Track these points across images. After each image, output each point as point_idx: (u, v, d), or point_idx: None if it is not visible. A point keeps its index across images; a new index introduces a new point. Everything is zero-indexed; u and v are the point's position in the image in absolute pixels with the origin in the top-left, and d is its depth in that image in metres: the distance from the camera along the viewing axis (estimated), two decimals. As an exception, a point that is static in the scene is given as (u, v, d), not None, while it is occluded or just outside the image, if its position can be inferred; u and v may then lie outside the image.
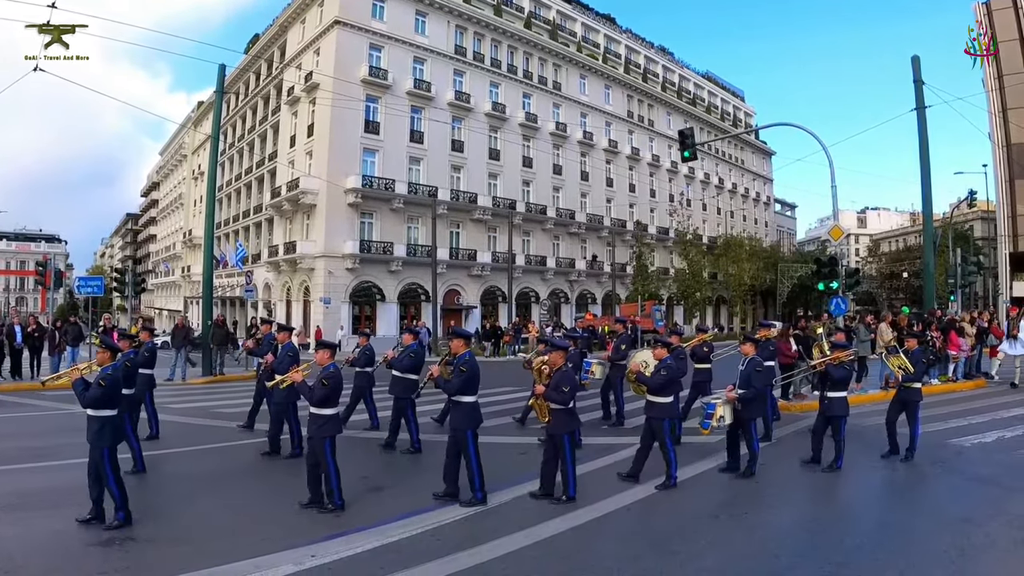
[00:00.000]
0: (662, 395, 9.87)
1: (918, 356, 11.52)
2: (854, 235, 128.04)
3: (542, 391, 9.00)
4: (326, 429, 8.40)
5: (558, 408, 8.88)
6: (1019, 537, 7.59)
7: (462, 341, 9.27)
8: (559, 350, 9.27)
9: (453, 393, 8.85)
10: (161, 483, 10.05)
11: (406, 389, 11.88)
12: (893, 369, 11.60)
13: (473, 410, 8.94)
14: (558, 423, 8.92)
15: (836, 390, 10.66)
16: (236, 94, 63.03)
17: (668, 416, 9.90)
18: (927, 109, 23.42)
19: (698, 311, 66.05)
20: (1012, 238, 59.33)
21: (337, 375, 8.51)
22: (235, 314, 57.79)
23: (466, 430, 8.81)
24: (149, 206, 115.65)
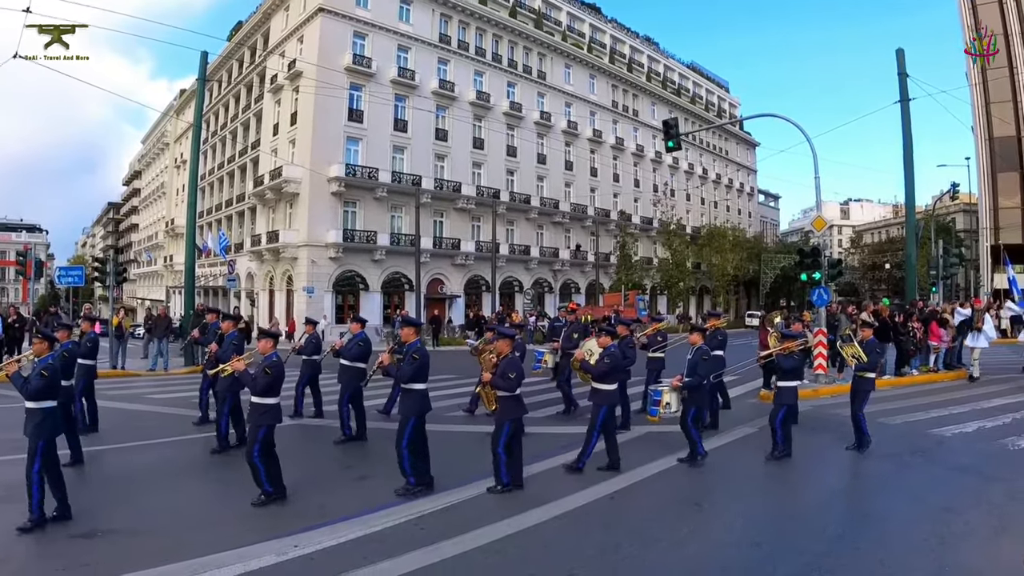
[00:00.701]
0: (605, 382, 9.99)
1: (873, 346, 11.59)
2: (837, 226, 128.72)
3: (489, 379, 9.01)
4: (267, 418, 8.32)
5: (505, 395, 8.94)
6: (998, 526, 7.65)
7: (413, 329, 9.35)
8: (505, 338, 9.40)
9: (404, 381, 8.85)
10: (141, 474, 9.96)
11: (354, 378, 11.87)
12: (847, 358, 11.66)
13: (422, 398, 8.96)
14: (504, 411, 8.96)
15: (786, 379, 10.77)
16: (219, 82, 62.51)
17: (609, 403, 10.02)
18: (911, 102, 23.47)
19: (681, 301, 66.13)
20: (994, 230, 59.80)
21: (279, 364, 8.48)
22: (218, 304, 57.44)
23: (411, 417, 8.79)
24: (131, 195, 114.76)
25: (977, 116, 59.02)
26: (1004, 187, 59.72)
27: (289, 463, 8.84)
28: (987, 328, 19.23)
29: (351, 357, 12.27)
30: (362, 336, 12.59)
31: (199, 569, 6.33)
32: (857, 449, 11.11)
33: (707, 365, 10.45)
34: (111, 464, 10.46)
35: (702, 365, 10.33)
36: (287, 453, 8.98)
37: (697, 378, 10.31)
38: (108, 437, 12.04)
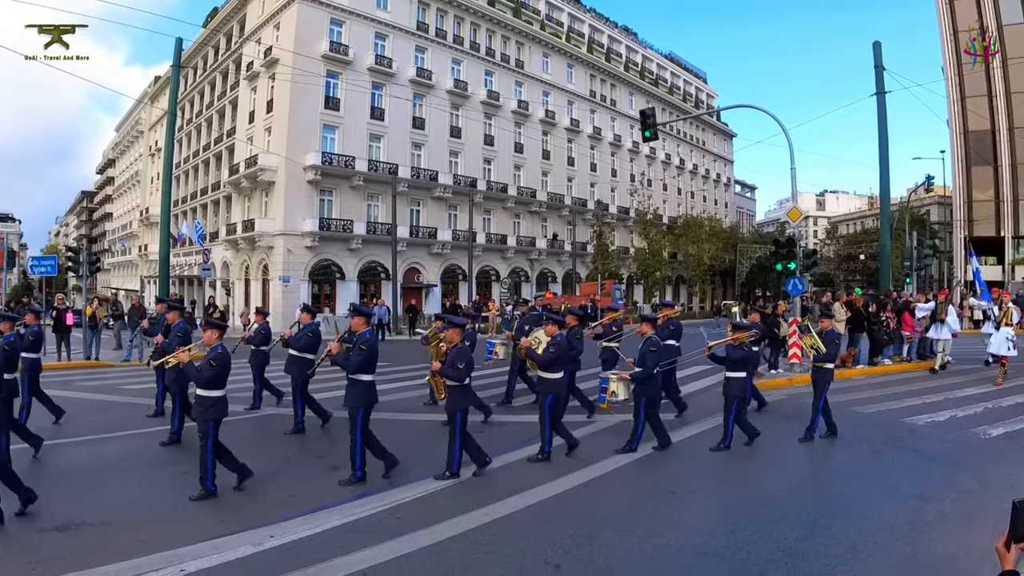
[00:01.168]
0: (551, 371, 10.11)
1: (832, 336, 11.67)
2: (813, 217, 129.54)
3: (438, 367, 9.06)
4: (213, 411, 8.21)
5: (454, 385, 9.00)
6: (969, 513, 7.73)
7: (362, 319, 9.28)
8: (455, 327, 9.46)
9: (352, 371, 8.82)
10: (114, 465, 9.90)
11: (303, 369, 11.77)
12: (805, 348, 11.79)
13: (369, 389, 8.94)
14: (454, 400, 9.03)
15: (734, 370, 10.82)
16: (194, 69, 61.84)
17: (555, 392, 10.11)
18: (887, 95, 23.63)
19: (658, 290, 66.37)
20: (968, 223, 60.51)
21: (225, 356, 8.35)
22: (193, 293, 57.06)
23: (359, 408, 8.79)
24: (105, 183, 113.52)
25: (952, 110, 59.58)
26: (978, 180, 60.41)
27: (262, 453, 8.82)
28: (950, 319, 19.21)
29: (300, 348, 12.19)
30: (312, 326, 12.50)
31: (175, 560, 6.28)
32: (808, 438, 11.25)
33: (655, 356, 10.40)
34: (84, 456, 10.35)
35: (649, 356, 10.32)
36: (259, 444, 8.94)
37: (645, 369, 10.32)
38: (80, 428, 11.95)
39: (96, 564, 6.20)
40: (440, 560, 6.39)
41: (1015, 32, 56.49)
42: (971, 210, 60.73)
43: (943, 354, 19.35)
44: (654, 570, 6.21)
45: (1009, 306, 17.59)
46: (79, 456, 10.31)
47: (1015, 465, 9.61)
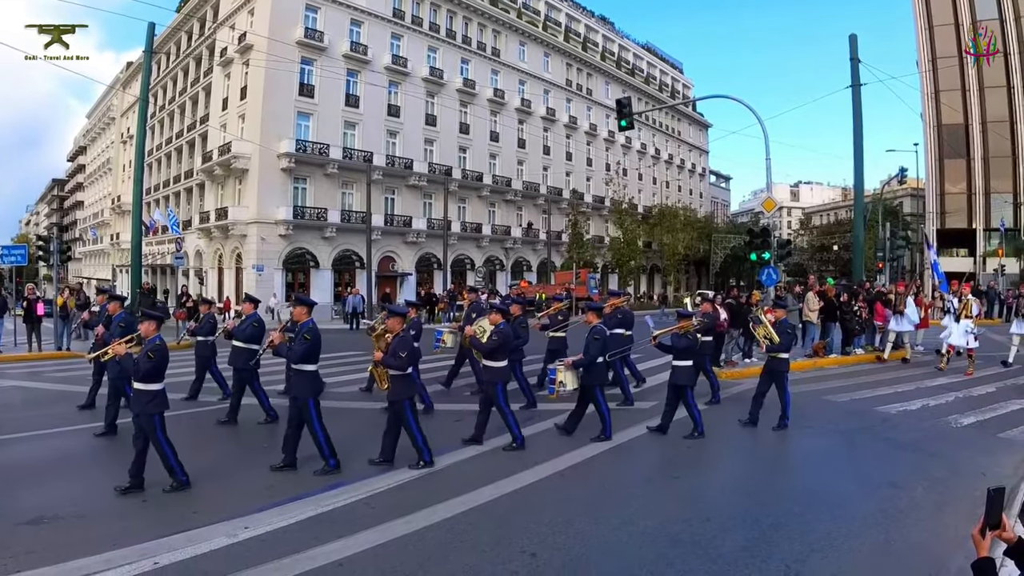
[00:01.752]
0: (495, 359, 10.11)
1: (785, 326, 11.74)
2: (787, 208, 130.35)
3: (380, 357, 9.00)
4: (153, 406, 7.96)
5: (397, 374, 8.94)
6: (940, 500, 7.81)
7: (305, 309, 9.25)
8: (397, 316, 9.35)
9: (296, 361, 8.77)
10: (84, 457, 9.80)
11: (247, 360, 11.48)
12: (759, 338, 11.87)
13: (314, 379, 8.89)
14: (397, 389, 8.96)
15: (680, 359, 10.87)
16: (167, 55, 61.19)
17: (501, 379, 10.13)
18: (862, 87, 23.74)
19: (632, 279, 66.64)
20: (940, 215, 61.23)
21: (163, 348, 8.12)
22: (166, 282, 56.61)
23: (308, 399, 8.75)
24: (76, 171, 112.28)
25: (926, 104, 60.24)
26: (950, 173, 61.27)
27: (235, 444, 8.76)
28: (909, 311, 19.24)
29: (244, 338, 11.87)
30: (255, 317, 12.26)
31: (148, 553, 6.21)
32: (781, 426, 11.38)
33: (599, 344, 10.45)
34: (55, 448, 10.20)
35: (593, 344, 10.40)
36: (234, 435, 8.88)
37: (588, 357, 10.42)
38: (49, 420, 11.77)
39: (69, 558, 6.12)
40: (416, 549, 6.37)
41: (990, 27, 57.13)
42: (943, 202, 61.57)
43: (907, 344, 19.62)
44: (630, 558, 6.22)
45: (968, 298, 17.52)
46: (48, 448, 10.17)
47: (986, 453, 9.72)
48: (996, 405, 13.01)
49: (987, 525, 3.00)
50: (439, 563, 6.08)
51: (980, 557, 3.02)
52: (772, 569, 5.95)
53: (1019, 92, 56.99)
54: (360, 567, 5.99)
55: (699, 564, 6.05)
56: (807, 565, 6.02)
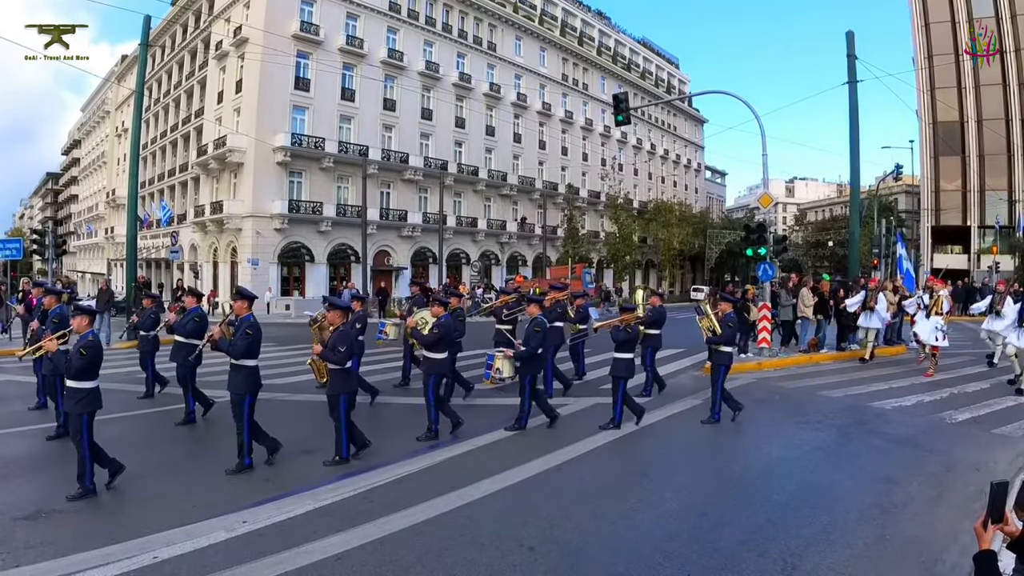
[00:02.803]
0: (435, 351, 10.23)
1: (730, 319, 11.80)
2: (782, 204, 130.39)
3: (319, 351, 9.03)
4: (83, 405, 7.82)
5: (336, 368, 8.92)
6: (935, 495, 7.85)
7: (245, 303, 9.04)
8: (337, 309, 9.35)
9: (238, 357, 8.62)
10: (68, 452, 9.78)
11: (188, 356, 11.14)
12: (703, 330, 11.95)
13: (253, 374, 8.78)
14: (335, 383, 8.97)
15: (621, 351, 10.91)
16: (162, 48, 60.89)
17: (439, 372, 10.35)
18: (859, 84, 23.75)
19: (627, 274, 66.67)
20: (935, 212, 61.42)
21: (96, 344, 7.91)
22: (161, 276, 56.51)
23: (246, 395, 8.64)
24: (70, 165, 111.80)
25: (922, 101, 60.26)
26: (946, 171, 61.35)
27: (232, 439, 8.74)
28: (880, 308, 18.75)
29: (185, 333, 11.63)
30: (197, 311, 12.00)
31: (148, 547, 6.23)
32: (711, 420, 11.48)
33: (539, 336, 10.57)
34: (52, 443, 10.18)
35: (534, 336, 10.54)
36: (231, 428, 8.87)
37: (529, 349, 10.55)
38: (47, 415, 11.73)
39: (68, 552, 6.14)
40: (414, 544, 6.39)
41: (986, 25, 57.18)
42: (939, 199, 61.68)
43: (871, 343, 19.01)
44: (627, 551, 6.23)
45: (940, 294, 17.04)
46: (44, 443, 10.17)
47: (981, 449, 9.76)
48: (991, 401, 13.05)
49: (990, 518, 3.03)
50: (437, 557, 6.09)
51: (982, 550, 3.05)
52: (769, 563, 5.97)
53: (1015, 89, 57.01)
54: (358, 561, 6.00)
55: (696, 558, 6.08)
56: (804, 559, 6.04)
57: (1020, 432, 10.75)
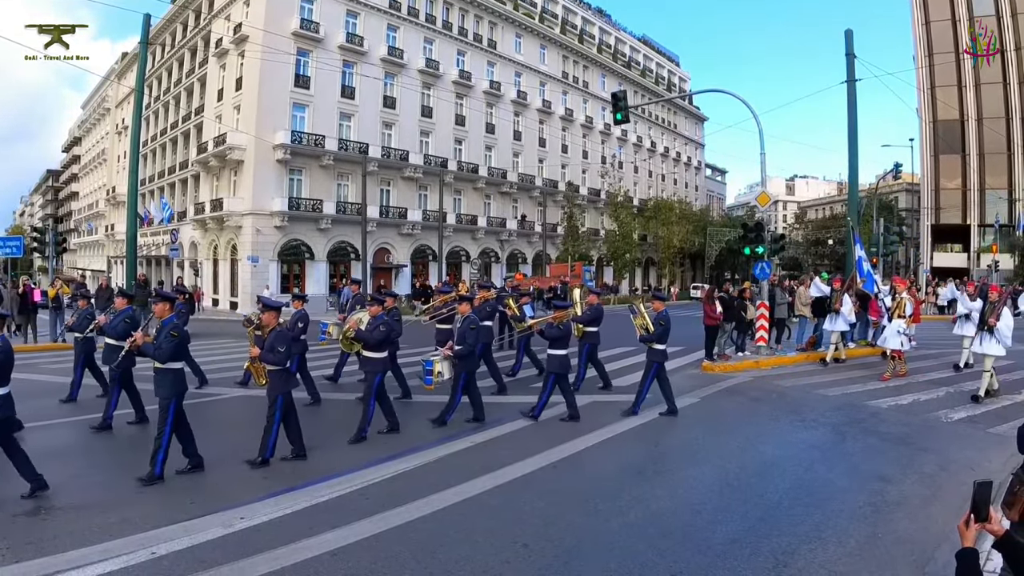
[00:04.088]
0: (378, 350, 10.22)
1: (662, 317, 11.90)
2: (782, 202, 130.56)
3: (258, 353, 8.91)
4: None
5: (275, 369, 8.82)
6: (929, 494, 7.89)
7: (167, 304, 8.72)
8: (271, 310, 9.30)
9: (164, 360, 8.25)
10: (79, 448, 9.83)
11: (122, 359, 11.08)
12: (637, 328, 12.15)
13: (180, 378, 8.46)
14: (274, 384, 8.87)
15: (554, 348, 11.25)
16: (162, 45, 60.79)
17: (382, 370, 10.31)
18: (858, 82, 23.77)
19: (627, 272, 66.68)
20: (935, 210, 61.47)
21: (6, 348, 7.60)
22: (160, 274, 56.51)
23: (172, 398, 8.29)
24: (71, 162, 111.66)
25: (922, 99, 60.32)
26: (945, 169, 61.41)
27: (237, 434, 8.80)
28: (845, 310, 18.09)
29: (115, 335, 11.16)
30: (128, 312, 11.62)
31: (146, 543, 6.28)
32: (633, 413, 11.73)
33: (475, 333, 10.77)
34: (49, 440, 10.21)
35: (470, 333, 10.69)
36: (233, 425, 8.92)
37: (466, 346, 10.69)
38: (44, 412, 11.76)
39: (67, 548, 6.19)
40: (410, 540, 6.44)
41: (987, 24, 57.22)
42: (938, 198, 61.75)
43: (834, 346, 18.38)
44: (621, 549, 6.27)
45: (902, 296, 16.47)
46: (42, 439, 10.19)
47: (976, 448, 9.80)
48: (987, 401, 13.07)
49: (973, 517, 3.08)
50: (432, 553, 6.14)
51: (964, 548, 3.11)
52: (761, 561, 6.02)
53: (1015, 88, 57.06)
54: (354, 557, 6.06)
55: (689, 555, 6.13)
56: (796, 557, 6.09)
57: (1015, 431, 10.76)
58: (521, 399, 12.75)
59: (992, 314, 13.33)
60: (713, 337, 17.79)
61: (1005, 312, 13.30)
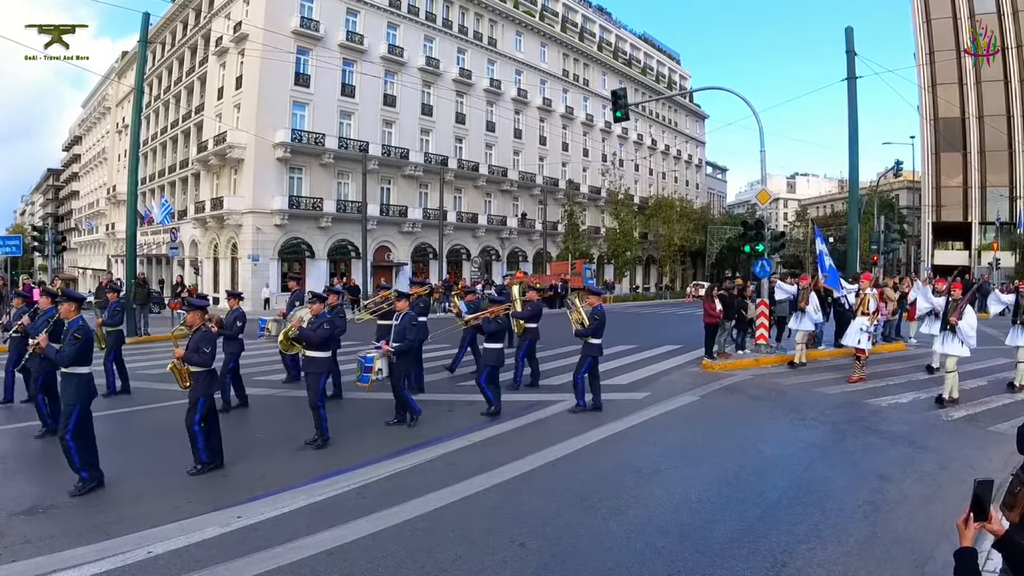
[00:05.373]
0: (322, 350, 9.90)
1: (597, 312, 11.97)
2: (783, 199, 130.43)
3: (181, 354, 8.56)
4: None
5: (199, 371, 8.50)
6: (928, 493, 7.85)
7: (73, 305, 8.36)
8: (196, 309, 8.97)
9: (67, 364, 7.88)
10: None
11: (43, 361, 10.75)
12: (572, 323, 12.22)
13: (85, 383, 8.06)
14: (197, 386, 8.51)
15: (490, 342, 11.50)
16: (162, 44, 60.74)
17: (326, 370, 10.12)
18: (858, 80, 23.75)
19: (628, 270, 66.69)
20: (936, 208, 61.52)
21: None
22: (161, 272, 56.52)
23: (76, 404, 7.87)
24: (71, 161, 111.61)
25: (923, 97, 60.35)
26: (947, 167, 61.45)
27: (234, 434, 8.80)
28: (811, 309, 17.57)
29: None
30: (51, 313, 10.96)
31: (143, 543, 6.28)
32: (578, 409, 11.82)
33: (416, 330, 10.76)
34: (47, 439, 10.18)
35: (410, 330, 10.63)
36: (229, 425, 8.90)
37: (406, 343, 10.60)
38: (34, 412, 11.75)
39: (64, 548, 6.20)
40: (406, 539, 6.43)
41: (985, 21, 57.24)
42: (939, 195, 61.77)
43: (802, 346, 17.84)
44: (619, 548, 6.25)
45: (866, 293, 15.80)
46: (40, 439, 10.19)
47: (976, 447, 9.76)
48: (987, 399, 13.03)
49: (973, 516, 3.06)
50: (429, 553, 6.12)
51: (962, 547, 3.08)
52: (760, 560, 6.00)
53: (1016, 86, 57.09)
54: (351, 556, 6.04)
55: (688, 555, 6.11)
56: (794, 556, 6.07)
57: (1016, 430, 10.73)
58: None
59: (954, 312, 12.74)
60: (713, 335, 17.76)
61: (968, 311, 12.75)
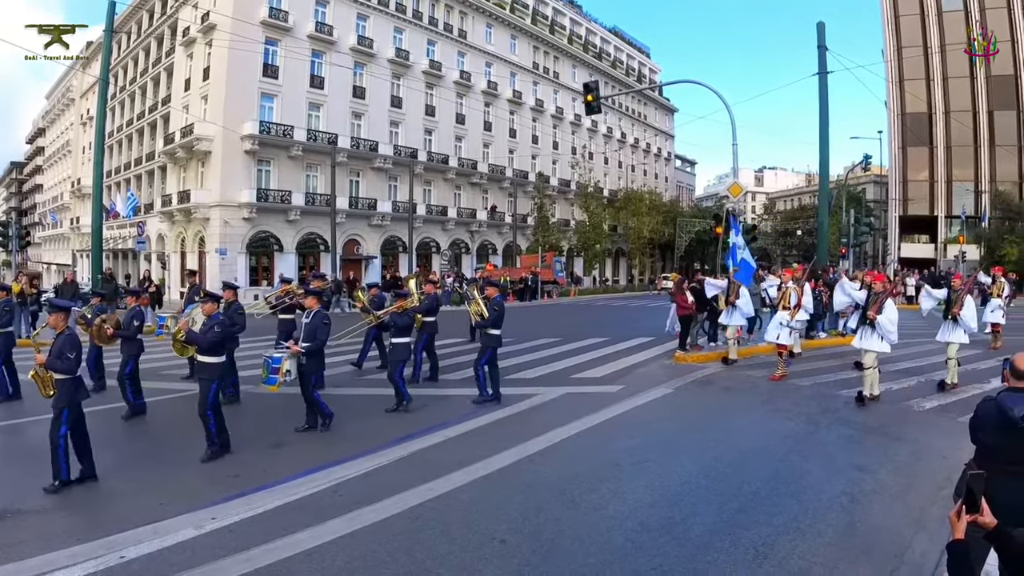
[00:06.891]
0: (214, 355, 9.09)
1: (496, 303, 12.10)
2: (751, 192, 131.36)
3: (43, 360, 7.91)
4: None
5: (64, 378, 7.85)
6: (904, 483, 7.92)
7: None
8: (58, 311, 8.19)
9: None
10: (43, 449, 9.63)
11: None
12: (471, 315, 12.59)
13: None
14: (62, 395, 7.85)
15: (398, 336, 11.63)
16: (128, 34, 59.85)
17: (219, 376, 9.27)
18: (829, 74, 23.92)
19: (598, 263, 66.86)
20: (903, 202, 62.29)
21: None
22: (127, 267, 55.84)
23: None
24: (35, 154, 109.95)
25: (891, 92, 61.01)
26: (913, 161, 62.21)
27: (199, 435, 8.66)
28: (741, 303, 17.11)
29: None
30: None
31: (114, 547, 6.15)
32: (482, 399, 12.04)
33: (327, 329, 10.25)
34: (11, 441, 10.06)
35: (322, 329, 10.15)
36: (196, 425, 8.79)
37: (317, 342, 10.11)
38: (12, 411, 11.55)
39: (34, 553, 6.05)
40: (385, 537, 6.36)
41: (953, 18, 57.90)
42: (906, 189, 62.52)
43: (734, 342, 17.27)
44: (600, 543, 6.23)
45: (788, 286, 15.33)
46: (10, 440, 10.03)
47: (947, 436, 9.81)
48: (957, 389, 13.17)
49: (964, 509, 3.05)
50: (408, 551, 6.06)
51: (955, 539, 3.07)
52: (740, 552, 6.00)
53: (981, 82, 57.87)
54: (329, 556, 5.96)
55: (669, 548, 6.10)
56: (775, 548, 6.08)
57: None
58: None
59: (873, 306, 12.43)
60: (687, 327, 17.81)
61: (889, 304, 12.29)
